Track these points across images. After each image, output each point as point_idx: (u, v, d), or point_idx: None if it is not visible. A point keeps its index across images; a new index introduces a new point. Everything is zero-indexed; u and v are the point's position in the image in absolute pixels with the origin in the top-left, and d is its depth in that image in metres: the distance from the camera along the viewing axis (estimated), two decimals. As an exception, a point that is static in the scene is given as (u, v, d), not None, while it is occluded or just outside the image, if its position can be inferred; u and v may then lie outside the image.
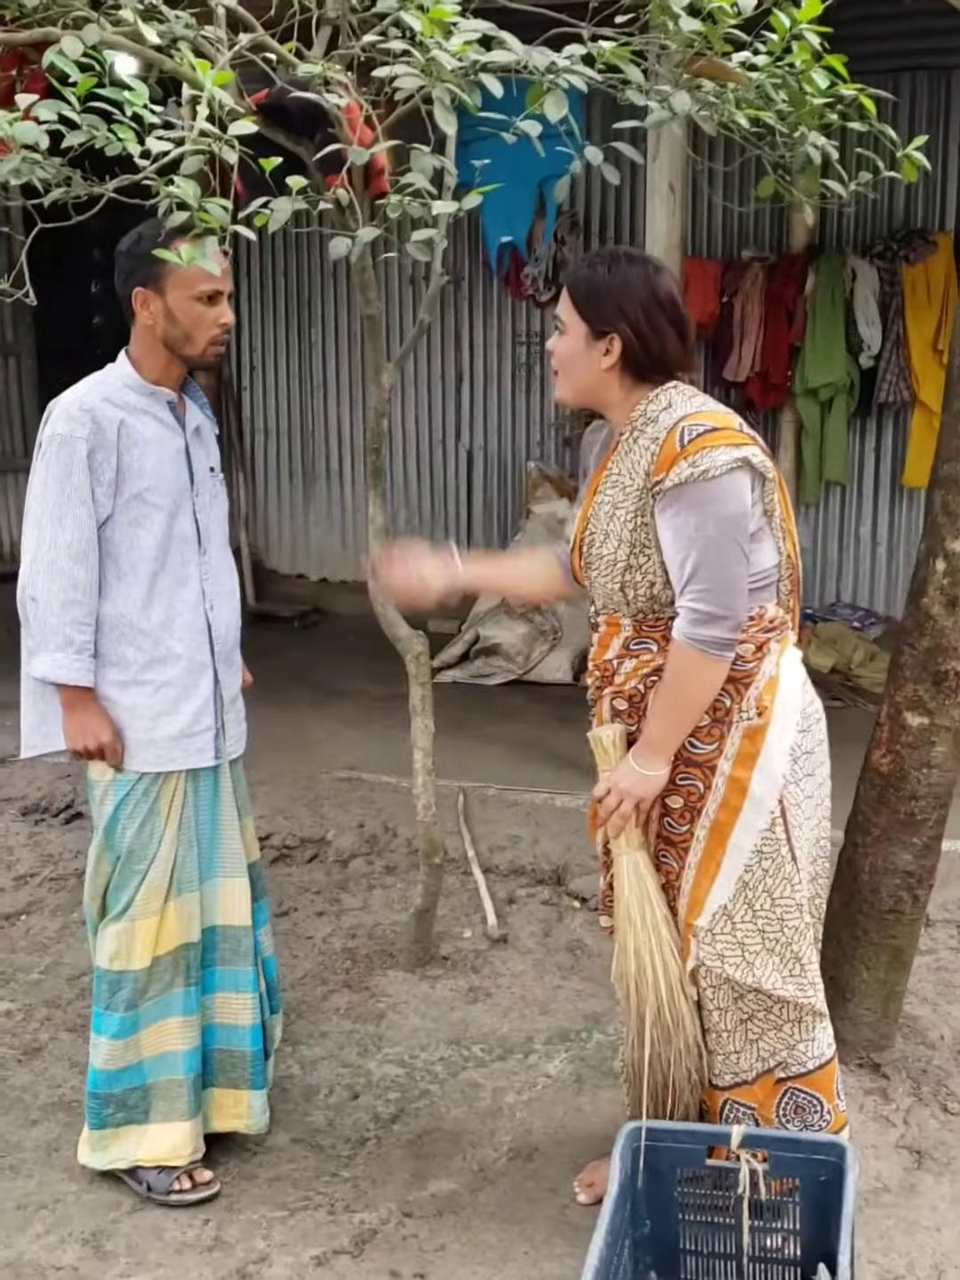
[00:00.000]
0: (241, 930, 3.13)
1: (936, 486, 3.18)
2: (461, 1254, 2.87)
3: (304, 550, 8.59)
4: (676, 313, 2.63)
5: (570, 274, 2.72)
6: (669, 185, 4.36)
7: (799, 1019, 2.71)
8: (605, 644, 2.74)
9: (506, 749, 5.82)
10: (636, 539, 2.60)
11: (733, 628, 2.54)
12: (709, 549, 2.52)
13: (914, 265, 6.64)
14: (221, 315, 2.91)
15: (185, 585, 2.98)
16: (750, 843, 2.62)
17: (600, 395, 2.69)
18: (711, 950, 2.67)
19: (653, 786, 2.64)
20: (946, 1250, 2.84)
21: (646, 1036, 2.72)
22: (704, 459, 2.49)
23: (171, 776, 2.99)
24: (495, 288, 7.74)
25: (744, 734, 2.61)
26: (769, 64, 2.75)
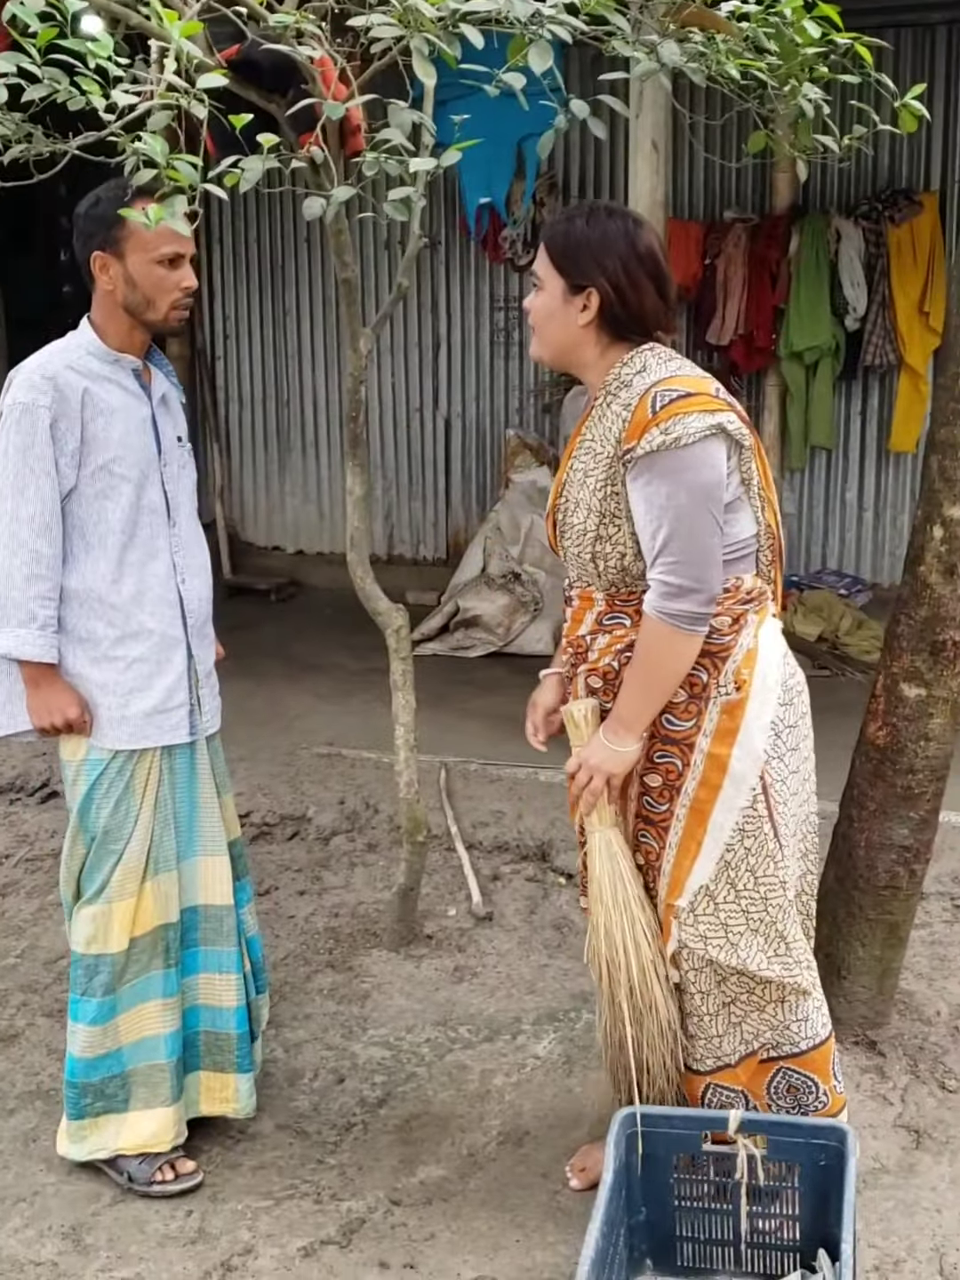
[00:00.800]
0: (223, 909, 3.06)
1: (933, 451, 3.09)
2: (452, 1243, 2.81)
3: (280, 522, 8.49)
4: (657, 268, 2.55)
5: (548, 228, 2.63)
6: (652, 143, 4.25)
7: (782, 999, 2.65)
8: (579, 619, 2.67)
9: (488, 723, 5.74)
10: (606, 508, 2.53)
11: (705, 601, 2.47)
12: (681, 519, 2.44)
13: (899, 226, 6.56)
14: (184, 279, 2.83)
15: (155, 558, 2.91)
16: (731, 821, 2.56)
17: (577, 354, 2.61)
18: (694, 932, 2.61)
19: (624, 762, 2.57)
20: (947, 1232, 2.79)
21: (625, 1017, 2.66)
22: (676, 426, 2.41)
23: (147, 754, 2.92)
24: (472, 251, 7.63)
25: (722, 709, 2.54)
26: (759, 13, 2.65)
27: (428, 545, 8.20)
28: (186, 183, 2.22)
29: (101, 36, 2.25)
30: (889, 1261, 2.72)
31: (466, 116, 2.70)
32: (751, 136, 2.94)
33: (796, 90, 2.77)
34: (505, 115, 3.48)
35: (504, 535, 7.24)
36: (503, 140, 6.26)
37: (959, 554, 3.04)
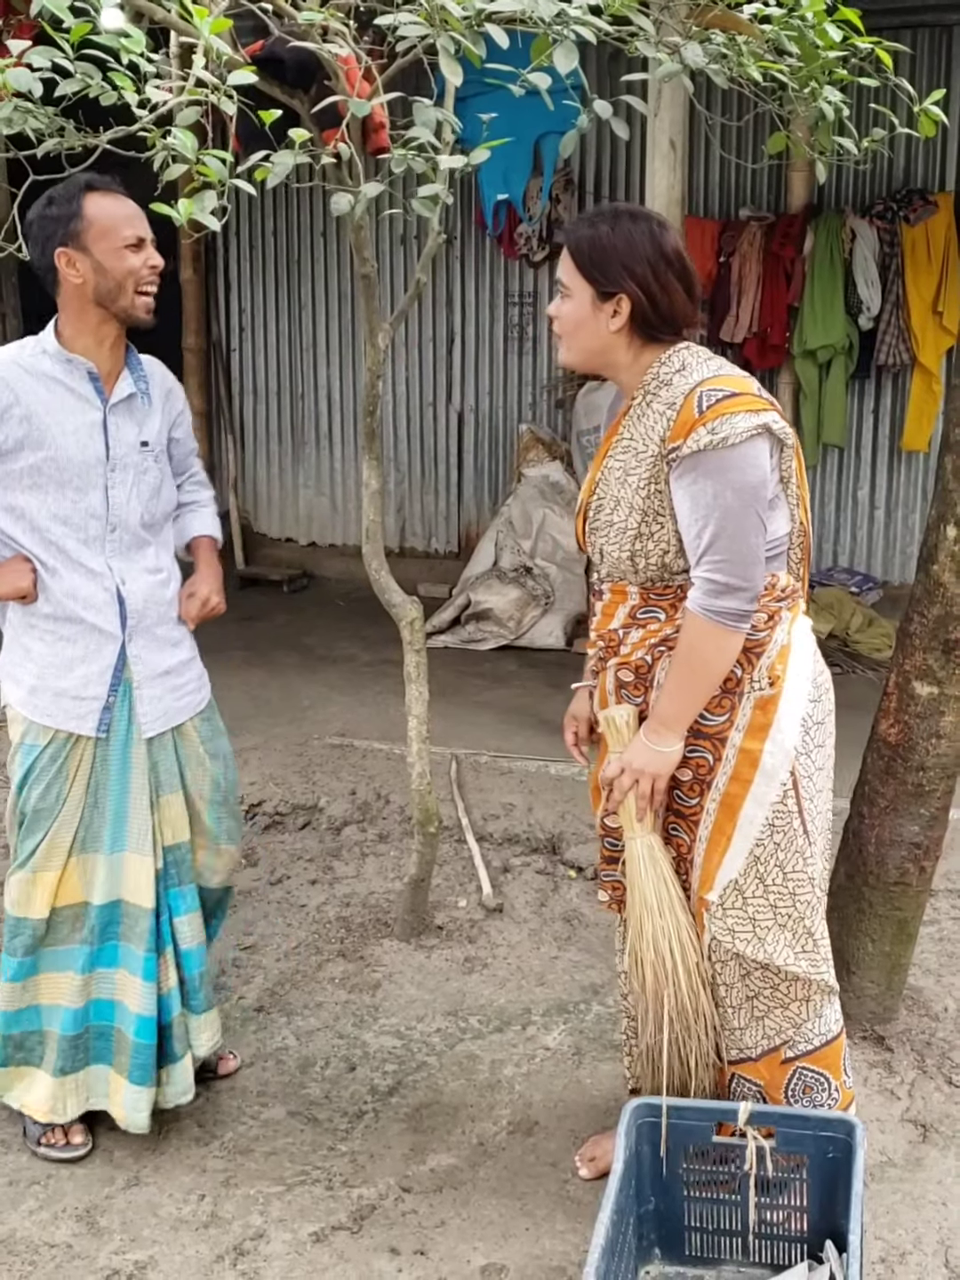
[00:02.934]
0: (140, 911, 3.03)
1: (947, 451, 3.10)
2: (462, 1230, 2.84)
3: (293, 514, 8.51)
4: (684, 268, 2.55)
5: (571, 235, 2.62)
6: (670, 142, 4.27)
7: (806, 998, 2.67)
8: (610, 613, 2.68)
9: (498, 715, 5.77)
10: (649, 506, 2.53)
11: (750, 599, 2.48)
12: (727, 518, 2.45)
13: (914, 226, 6.56)
14: (150, 258, 2.87)
15: (87, 560, 2.94)
16: (761, 815, 2.57)
17: (609, 358, 2.61)
18: (722, 925, 2.62)
19: (668, 763, 2.58)
20: (953, 1225, 2.81)
21: (665, 1022, 2.67)
22: (723, 425, 2.42)
23: (81, 741, 2.98)
24: (488, 247, 7.64)
25: (755, 705, 2.56)
26: (781, 16, 2.67)
27: (440, 538, 8.22)
28: (216, 178, 2.25)
29: (132, 31, 2.28)
30: (895, 1254, 2.74)
31: (494, 115, 2.73)
32: (771, 138, 2.96)
33: (817, 92, 2.79)
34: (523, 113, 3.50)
35: (516, 529, 7.26)
36: (521, 137, 6.26)
37: (973, 553, 3.06)
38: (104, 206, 2.79)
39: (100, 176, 2.78)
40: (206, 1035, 3.18)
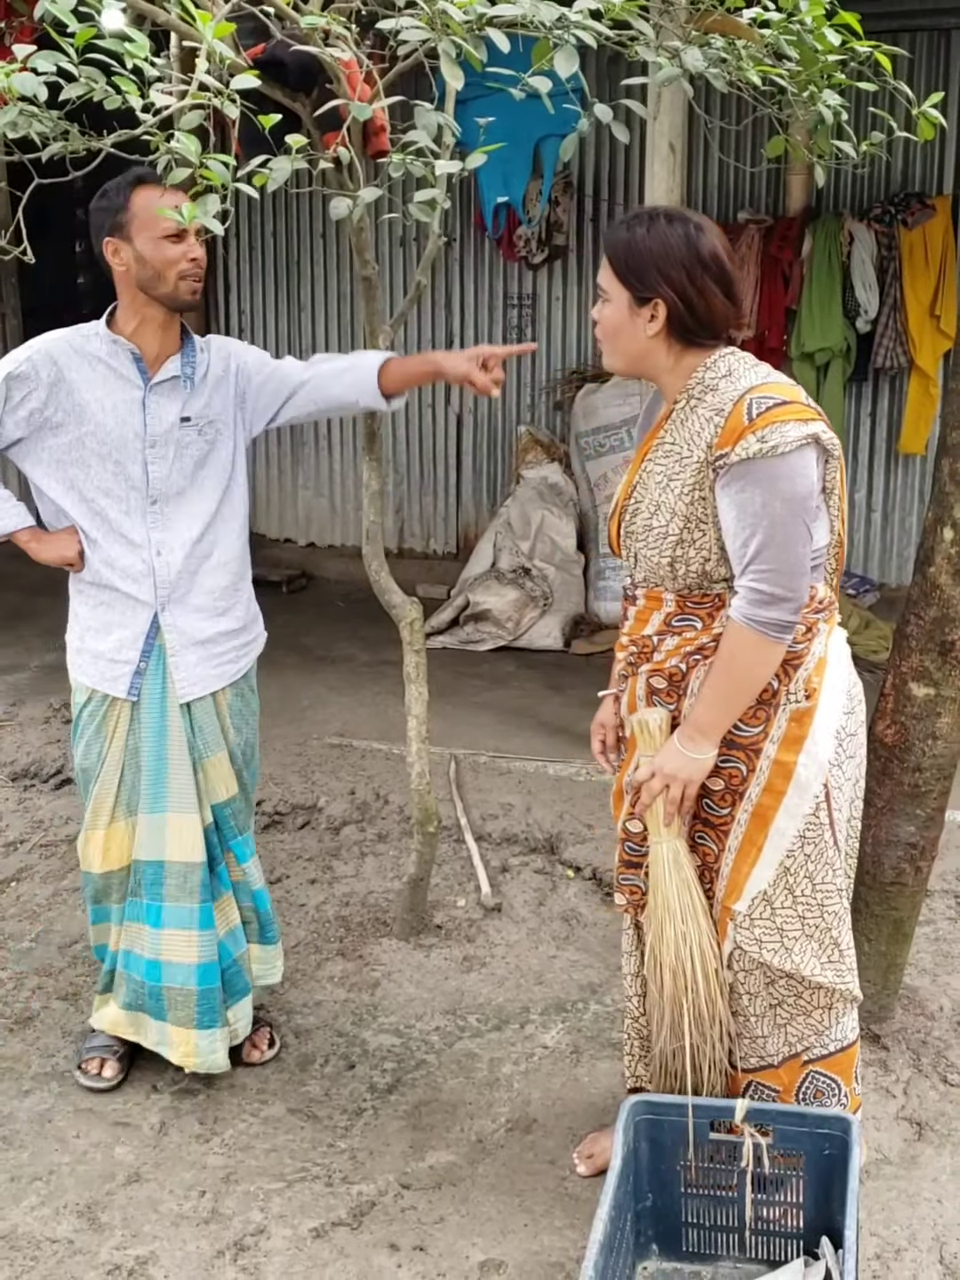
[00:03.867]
0: (187, 866, 3.19)
1: (945, 454, 3.13)
2: (461, 1226, 2.85)
3: (292, 514, 8.52)
4: (722, 271, 2.50)
5: (608, 238, 2.56)
6: (669, 145, 4.30)
7: (829, 1005, 2.67)
8: (644, 619, 2.65)
9: (497, 716, 5.78)
10: (692, 513, 2.50)
11: (794, 609, 2.46)
12: (775, 528, 2.41)
13: (912, 229, 6.58)
14: (189, 251, 2.97)
15: (129, 530, 3.08)
16: (793, 827, 2.56)
17: (649, 362, 2.58)
18: (749, 935, 2.61)
19: (701, 769, 2.56)
20: (948, 1222, 2.83)
21: (685, 1028, 2.68)
22: (773, 434, 2.39)
23: (117, 702, 3.15)
24: (487, 249, 7.66)
25: (791, 717, 2.54)
26: (781, 20, 2.69)
27: (438, 539, 8.23)
28: (219, 182, 2.26)
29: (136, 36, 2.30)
30: (890, 1250, 2.76)
31: (492, 119, 2.75)
32: (770, 141, 2.98)
33: (816, 96, 2.81)
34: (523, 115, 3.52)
35: (514, 530, 7.27)
36: (520, 140, 6.28)
37: (969, 556, 3.08)
38: (148, 198, 2.91)
39: (151, 170, 2.84)
40: (281, 963, 3.46)
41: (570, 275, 7.56)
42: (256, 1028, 3.44)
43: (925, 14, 6.36)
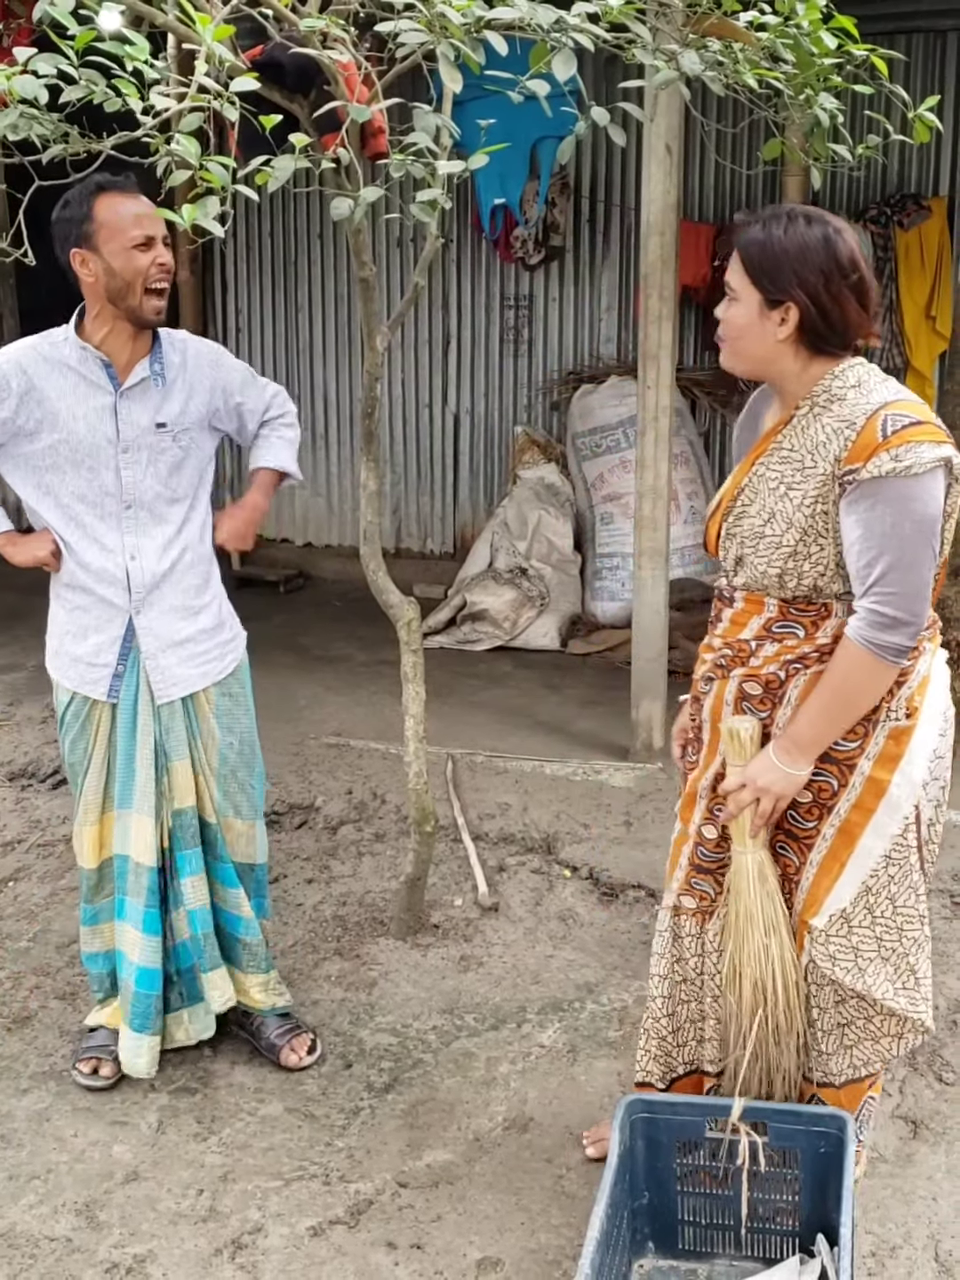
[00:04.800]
0: (142, 867, 3.23)
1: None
2: (458, 1224, 2.86)
3: (289, 514, 8.53)
4: (860, 278, 2.42)
5: (742, 237, 2.48)
6: (666, 147, 4.30)
7: (899, 1035, 2.65)
8: (741, 622, 2.58)
9: (494, 715, 5.79)
10: (812, 526, 2.44)
11: (914, 634, 2.40)
12: (903, 550, 2.35)
13: (908, 230, 6.60)
14: (159, 257, 2.99)
15: (103, 535, 3.11)
16: (880, 847, 2.53)
17: (776, 367, 2.50)
18: (824, 951, 2.59)
19: (795, 785, 2.52)
20: (943, 1220, 2.84)
21: (764, 1039, 2.66)
22: (908, 454, 2.32)
23: (98, 704, 3.19)
24: (484, 250, 7.67)
25: (889, 735, 2.50)
26: (778, 24, 2.70)
27: (435, 539, 8.24)
28: (219, 184, 2.27)
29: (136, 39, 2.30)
30: (885, 1248, 2.78)
31: (493, 121, 2.76)
32: (767, 144, 2.99)
33: (813, 99, 2.82)
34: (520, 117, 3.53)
35: (511, 531, 7.28)
36: (518, 142, 6.28)
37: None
38: (114, 207, 2.92)
39: (113, 177, 2.89)
40: (217, 992, 3.35)
41: (567, 276, 7.57)
42: (298, 1033, 3.45)
43: (921, 16, 6.37)
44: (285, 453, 3.39)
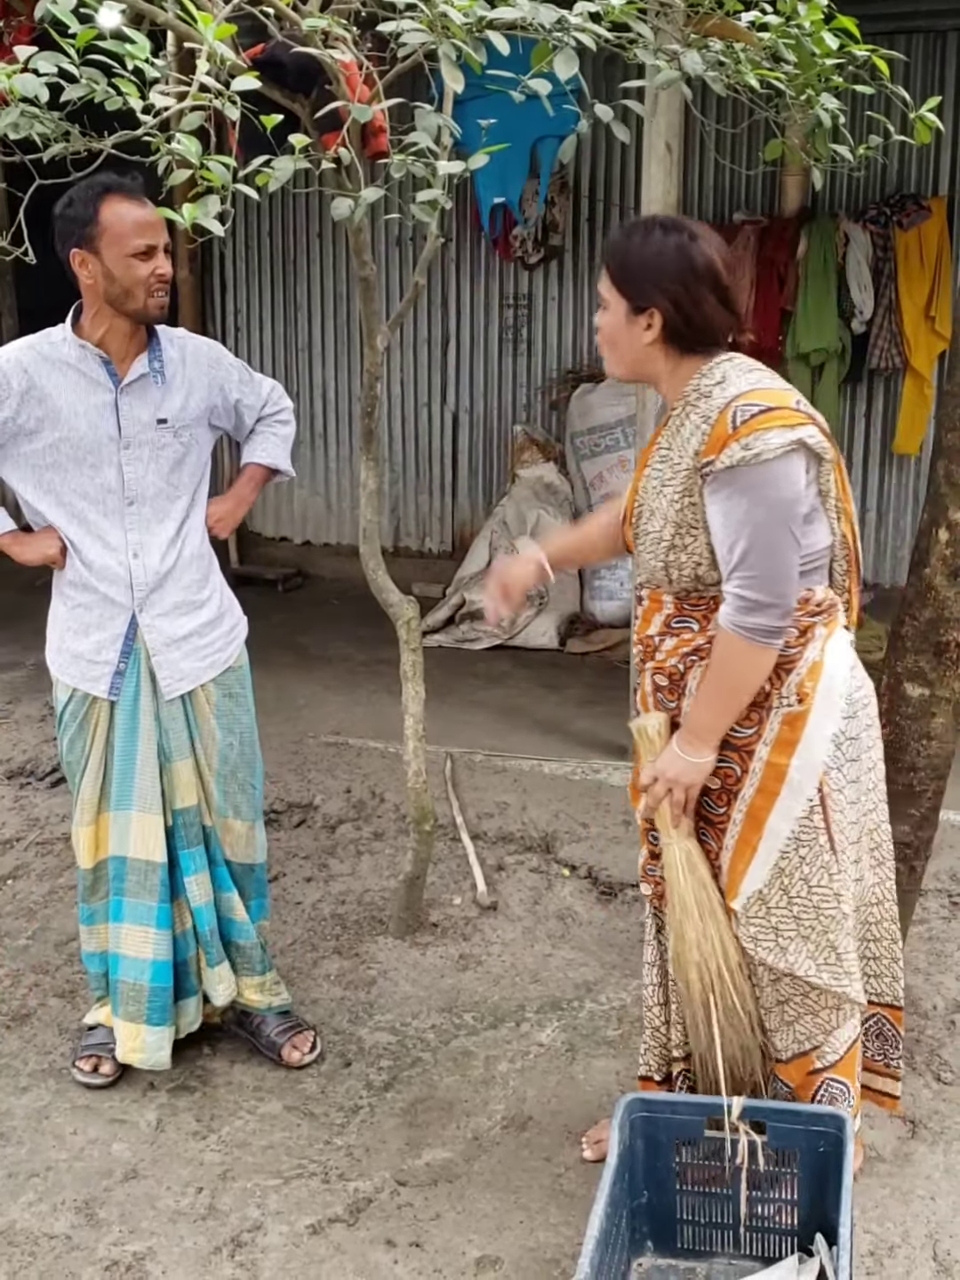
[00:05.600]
0: (148, 865, 3.23)
1: (940, 456, 3.14)
2: (457, 1223, 2.87)
3: (288, 513, 8.53)
4: (717, 281, 2.52)
5: (607, 247, 2.64)
6: (666, 146, 4.30)
7: (837, 1006, 2.68)
8: (648, 619, 2.69)
9: (493, 714, 5.80)
10: (683, 519, 2.53)
11: (781, 615, 2.47)
12: (759, 535, 2.44)
13: (907, 230, 6.59)
14: (157, 267, 2.97)
15: (106, 533, 3.10)
16: (787, 829, 2.57)
17: (648, 369, 2.62)
18: (746, 932, 2.64)
19: (700, 773, 2.58)
20: (941, 1219, 2.85)
21: (715, 1024, 2.69)
22: (756, 441, 2.40)
23: (98, 701, 3.18)
24: (483, 249, 7.67)
25: (783, 720, 2.55)
26: (779, 24, 2.70)
27: (434, 538, 8.24)
28: (220, 183, 2.27)
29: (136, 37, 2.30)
30: (884, 1247, 2.78)
31: (494, 121, 2.76)
32: (768, 144, 2.99)
33: (814, 100, 2.82)
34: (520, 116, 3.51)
35: (510, 530, 7.28)
36: (518, 141, 6.27)
37: (964, 557, 3.09)
38: (119, 212, 2.90)
39: (120, 179, 2.87)
40: (222, 987, 3.36)
41: (566, 275, 7.57)
42: (299, 1031, 3.46)
43: (922, 15, 6.37)
44: (278, 449, 3.39)
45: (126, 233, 2.89)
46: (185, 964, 3.34)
